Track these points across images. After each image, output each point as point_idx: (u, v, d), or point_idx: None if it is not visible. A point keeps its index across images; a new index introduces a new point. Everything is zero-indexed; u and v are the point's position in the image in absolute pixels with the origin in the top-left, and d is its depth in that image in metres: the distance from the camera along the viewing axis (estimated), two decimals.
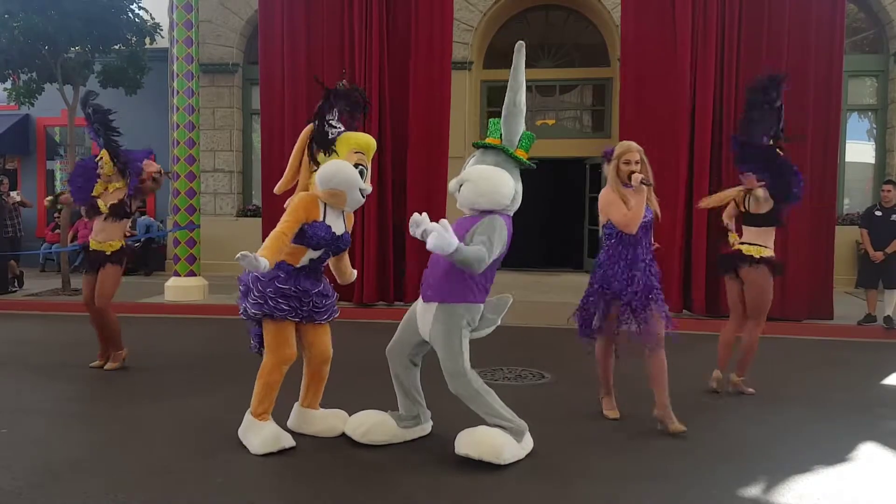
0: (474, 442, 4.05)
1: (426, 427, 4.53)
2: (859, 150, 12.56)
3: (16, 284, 11.16)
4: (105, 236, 6.25)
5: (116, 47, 11.18)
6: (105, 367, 6.34)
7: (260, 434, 4.22)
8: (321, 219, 4.20)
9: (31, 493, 3.68)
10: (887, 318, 8.24)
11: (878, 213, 8.45)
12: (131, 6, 10.97)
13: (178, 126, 10.14)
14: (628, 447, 4.41)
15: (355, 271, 4.87)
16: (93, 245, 6.26)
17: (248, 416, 4.32)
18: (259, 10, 10.25)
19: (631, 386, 5.26)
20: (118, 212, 6.23)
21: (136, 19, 11.09)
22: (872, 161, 12.38)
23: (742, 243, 5.56)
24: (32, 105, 11.43)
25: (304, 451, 4.26)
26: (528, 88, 5.21)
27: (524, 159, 4.21)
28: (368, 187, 4.28)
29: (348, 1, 9.58)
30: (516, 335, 7.72)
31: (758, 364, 6.75)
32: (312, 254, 4.27)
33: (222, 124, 13.63)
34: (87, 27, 10.34)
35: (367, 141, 4.35)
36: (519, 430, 4.16)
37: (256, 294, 4.22)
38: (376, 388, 5.05)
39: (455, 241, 3.78)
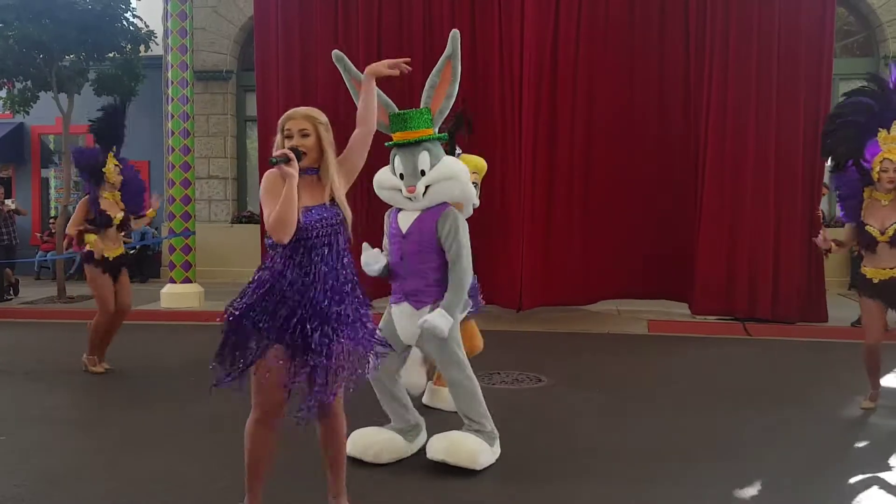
0: (452, 448, 3.94)
1: (424, 435, 4.35)
2: None
3: (11, 292, 11.16)
4: (118, 244, 6.55)
5: (111, 55, 11.19)
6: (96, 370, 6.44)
7: None
8: None
9: (32, 500, 3.70)
10: None
11: None
12: (126, 14, 10.98)
13: (172, 133, 10.14)
14: (623, 449, 4.44)
15: None
16: (115, 253, 6.47)
17: None
18: (254, 17, 10.24)
19: (630, 386, 5.29)
20: (127, 226, 6.65)
21: (131, 27, 11.10)
22: None
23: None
24: (27, 113, 11.42)
25: (309, 457, 4.28)
26: None
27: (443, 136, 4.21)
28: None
29: (342, 6, 9.62)
30: (513, 339, 7.76)
31: (753, 366, 6.80)
32: None
33: (216, 131, 13.64)
34: (82, 35, 10.35)
35: None
36: (493, 436, 4.09)
37: None
38: None
39: (451, 316, 3.89)
